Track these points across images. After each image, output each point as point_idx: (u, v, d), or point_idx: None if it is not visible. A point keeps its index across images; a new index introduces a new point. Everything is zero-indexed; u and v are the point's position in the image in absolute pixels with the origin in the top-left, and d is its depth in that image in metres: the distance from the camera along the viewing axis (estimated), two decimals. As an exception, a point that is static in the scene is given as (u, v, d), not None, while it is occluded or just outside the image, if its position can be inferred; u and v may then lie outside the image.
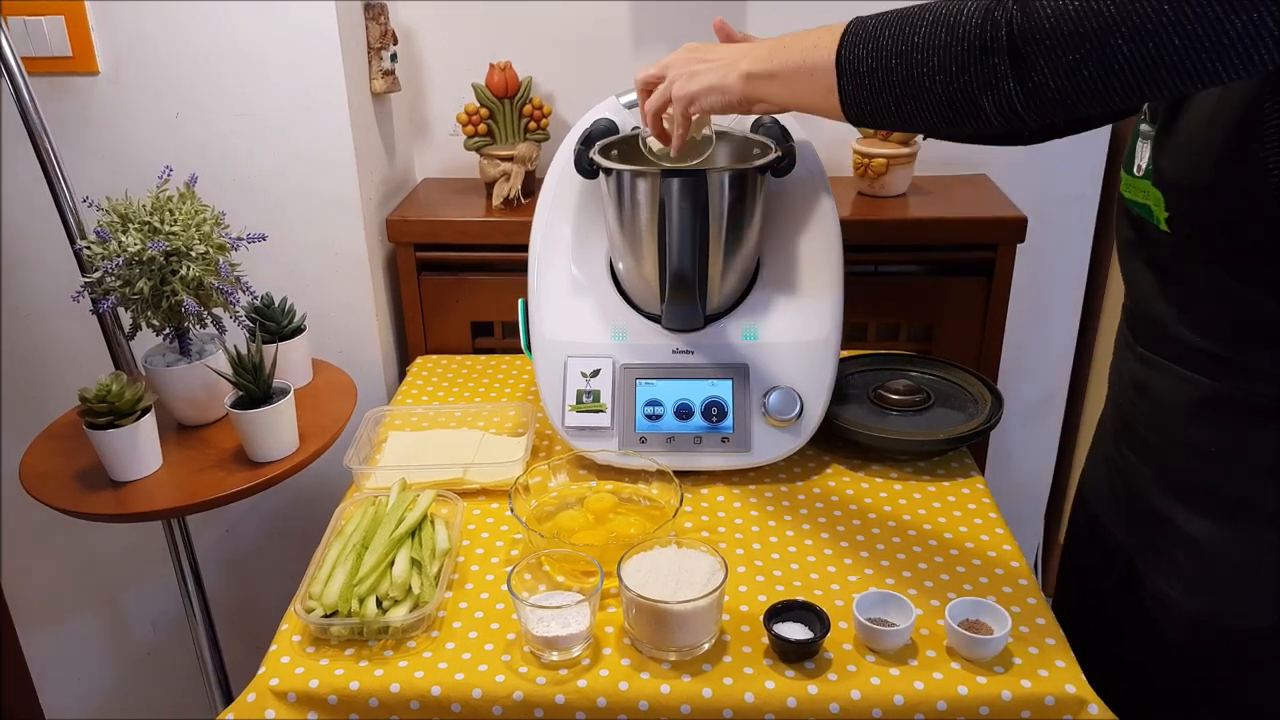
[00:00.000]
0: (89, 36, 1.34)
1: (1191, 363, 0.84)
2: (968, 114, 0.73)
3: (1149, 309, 0.88)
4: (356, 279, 1.46)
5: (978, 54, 0.70)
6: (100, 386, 1.08)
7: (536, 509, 1.05)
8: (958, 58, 0.71)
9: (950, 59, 0.72)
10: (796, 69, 0.84)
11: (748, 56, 0.88)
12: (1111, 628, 0.96)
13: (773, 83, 0.86)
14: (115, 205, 1.14)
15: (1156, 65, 0.64)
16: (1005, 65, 0.69)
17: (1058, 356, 1.71)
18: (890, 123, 0.80)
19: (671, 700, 0.83)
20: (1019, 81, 0.69)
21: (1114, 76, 0.66)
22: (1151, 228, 0.84)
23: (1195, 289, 0.82)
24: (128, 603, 1.75)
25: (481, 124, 1.50)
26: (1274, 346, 0.78)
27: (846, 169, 1.55)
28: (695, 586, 0.87)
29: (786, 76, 0.85)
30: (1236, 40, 0.62)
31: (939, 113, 0.75)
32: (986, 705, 0.82)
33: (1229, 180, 0.74)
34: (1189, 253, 0.81)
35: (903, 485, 1.13)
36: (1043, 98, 0.69)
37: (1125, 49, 0.64)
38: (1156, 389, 0.88)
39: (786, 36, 0.86)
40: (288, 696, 0.86)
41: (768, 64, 0.86)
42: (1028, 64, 0.68)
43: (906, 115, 0.77)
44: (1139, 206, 0.86)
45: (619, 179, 1.09)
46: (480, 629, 0.91)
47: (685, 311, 1.10)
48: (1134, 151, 0.86)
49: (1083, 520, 1.06)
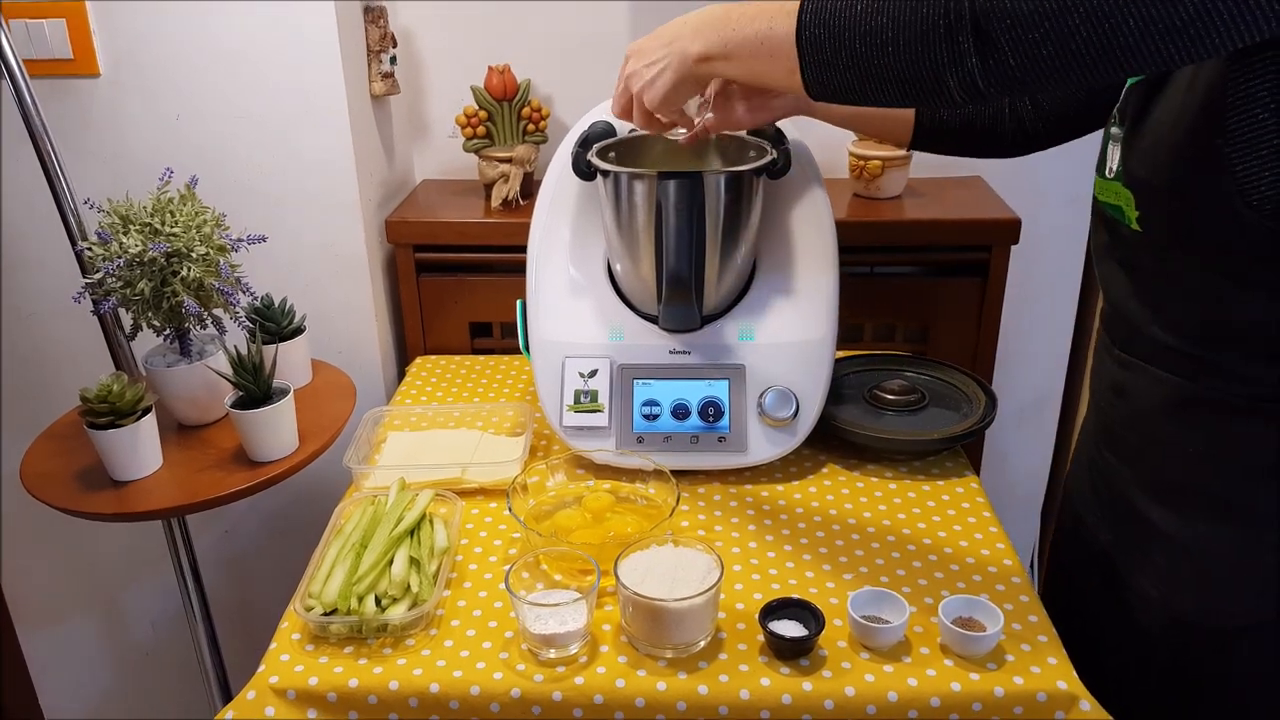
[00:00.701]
0: (90, 39, 1.34)
1: (1165, 363, 0.85)
2: (931, 90, 0.74)
3: (1124, 310, 0.89)
4: (356, 280, 1.47)
5: (941, 32, 0.71)
6: (101, 386, 1.09)
7: (534, 508, 1.06)
8: (923, 36, 0.72)
9: (915, 37, 0.72)
10: (754, 50, 0.83)
11: (698, 37, 0.87)
12: (1095, 627, 0.97)
13: (729, 63, 0.86)
14: (116, 207, 1.15)
15: (1112, 46, 0.66)
16: (969, 43, 0.70)
17: (1051, 357, 1.72)
18: (854, 99, 0.80)
19: (668, 697, 0.84)
20: (980, 58, 0.70)
21: (1072, 57, 0.68)
22: (1123, 228, 0.85)
23: (1167, 288, 0.83)
24: (128, 602, 1.75)
25: (480, 126, 1.51)
26: (1244, 345, 0.79)
27: (842, 171, 1.55)
28: (691, 584, 0.88)
29: (744, 57, 0.84)
30: (1189, 23, 0.64)
31: (903, 90, 0.76)
32: (979, 701, 0.83)
33: (1196, 178, 0.75)
34: (1160, 252, 0.82)
35: (897, 485, 1.13)
36: (1003, 75, 0.70)
37: (1083, 29, 0.66)
38: (1133, 390, 0.89)
39: (732, 9, 0.85)
40: (287, 694, 0.87)
41: (721, 44, 0.85)
42: (989, 42, 0.69)
43: (871, 93, 0.78)
44: (1111, 208, 0.87)
45: (616, 181, 1.10)
46: (478, 627, 0.92)
47: (682, 312, 1.10)
48: (1105, 154, 0.87)
49: (1067, 521, 1.07)
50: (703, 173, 1.05)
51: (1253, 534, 0.83)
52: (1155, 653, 0.91)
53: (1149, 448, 0.89)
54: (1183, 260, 0.80)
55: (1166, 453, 0.87)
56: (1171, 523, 0.87)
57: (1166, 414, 0.86)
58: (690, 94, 0.93)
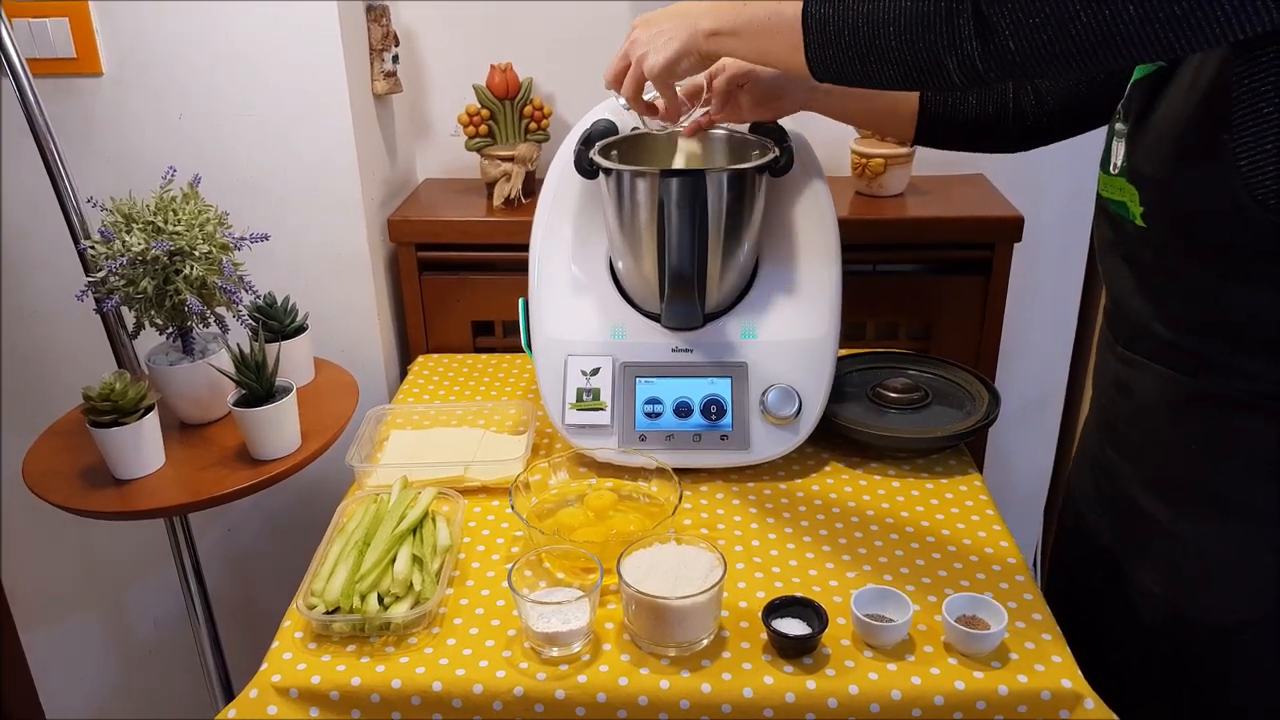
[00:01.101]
0: (93, 38, 1.34)
1: (1169, 359, 0.85)
2: (931, 72, 0.75)
3: (1127, 306, 0.88)
4: (358, 278, 1.47)
5: (943, 15, 0.72)
6: (104, 385, 1.09)
7: (537, 506, 1.06)
8: (924, 17, 0.73)
9: (916, 18, 0.73)
10: (761, 26, 0.85)
11: (709, 14, 0.89)
12: (1098, 625, 0.97)
13: (737, 39, 0.88)
14: (119, 205, 1.15)
15: (1112, 33, 0.67)
16: (969, 27, 0.71)
17: (1055, 355, 1.72)
18: (856, 80, 0.81)
19: (671, 696, 0.84)
20: (980, 41, 0.71)
21: (1072, 42, 0.68)
22: (1128, 224, 0.85)
23: (1170, 284, 0.83)
24: (130, 601, 1.75)
25: (482, 125, 1.51)
26: (1247, 341, 0.79)
27: (844, 168, 1.55)
28: (694, 583, 0.88)
29: (751, 33, 0.86)
30: (1190, 12, 0.64)
31: (903, 71, 0.77)
32: (983, 700, 0.83)
33: (1200, 173, 0.75)
34: (1163, 248, 0.82)
35: (900, 483, 1.13)
36: (1003, 59, 0.71)
37: (1083, 15, 0.67)
38: (1136, 387, 0.89)
39: None
40: (290, 692, 0.86)
41: (731, 21, 0.87)
42: (990, 26, 0.70)
43: (872, 73, 0.79)
44: (1115, 204, 0.87)
45: (618, 179, 1.10)
46: (481, 625, 0.92)
47: (684, 310, 1.10)
48: (1110, 150, 0.87)
49: (1069, 519, 1.07)
50: (705, 171, 1.05)
51: (1253, 530, 0.83)
52: (1157, 649, 0.91)
53: (1151, 444, 0.89)
54: (1186, 255, 0.80)
55: (1169, 449, 0.87)
56: (1173, 519, 0.87)
57: (1169, 410, 0.86)
58: (690, 71, 0.94)
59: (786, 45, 0.83)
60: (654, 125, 1.03)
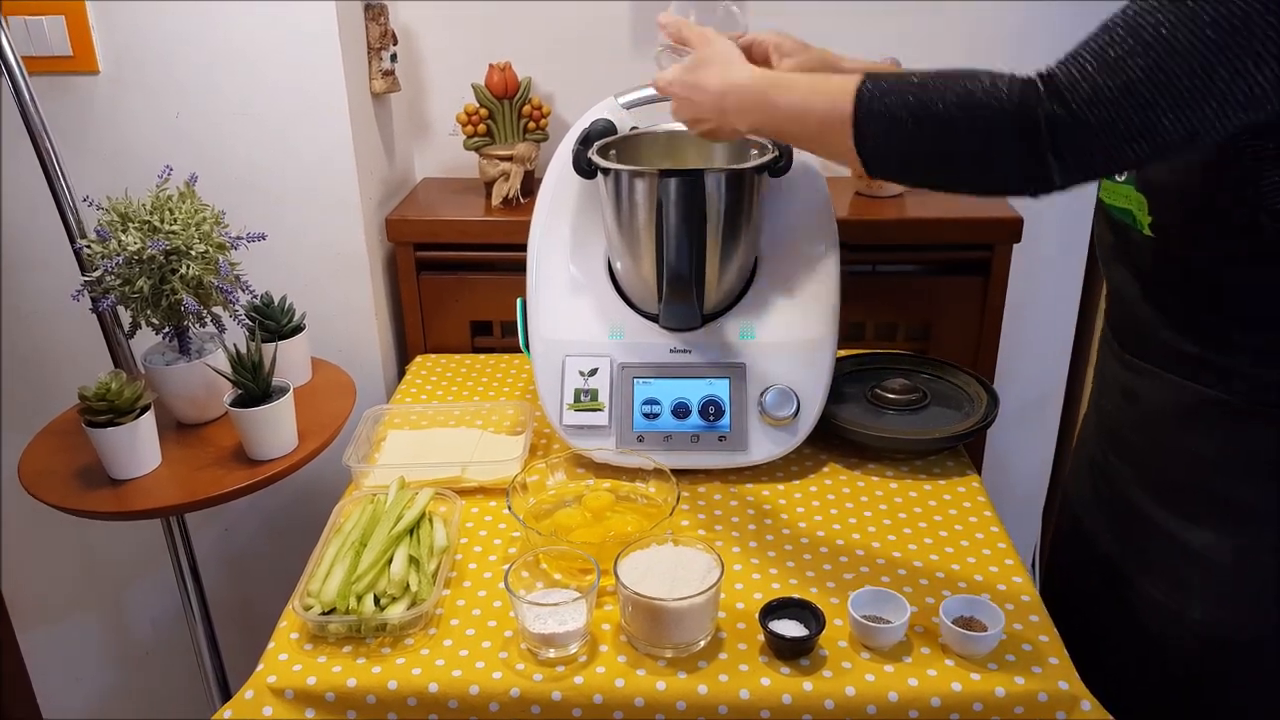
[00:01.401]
0: (89, 36, 1.34)
1: (1176, 366, 0.84)
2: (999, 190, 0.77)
3: (1133, 313, 0.88)
4: (356, 278, 1.47)
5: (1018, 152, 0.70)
6: (100, 385, 1.09)
7: (534, 507, 1.06)
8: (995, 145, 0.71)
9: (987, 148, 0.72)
10: (810, 139, 0.83)
11: (743, 118, 0.85)
12: (1095, 627, 0.97)
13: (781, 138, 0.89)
14: (115, 204, 1.14)
15: (1194, 131, 0.66)
16: (1050, 159, 0.70)
17: (1053, 356, 1.71)
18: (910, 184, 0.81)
19: (667, 697, 0.84)
20: (1059, 160, 0.70)
21: (1161, 148, 0.68)
22: (1134, 232, 0.84)
23: (1178, 292, 0.83)
24: (127, 601, 1.75)
25: (481, 124, 1.51)
26: (1256, 349, 0.79)
27: (843, 169, 1.55)
28: (691, 584, 0.88)
29: (795, 138, 0.85)
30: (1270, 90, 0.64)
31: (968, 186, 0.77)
32: (980, 701, 0.83)
33: (1215, 184, 0.75)
34: (1172, 257, 0.82)
35: (899, 484, 1.13)
36: (1088, 174, 0.71)
37: (1167, 121, 0.66)
38: (1143, 394, 0.89)
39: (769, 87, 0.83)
40: (285, 693, 0.86)
41: (769, 125, 0.84)
42: (1075, 149, 0.69)
43: (933, 184, 0.79)
44: (1120, 211, 0.86)
45: (617, 179, 1.10)
46: (478, 626, 0.92)
47: (682, 311, 1.10)
48: None
49: (1067, 522, 1.06)
50: (704, 171, 1.05)
51: (1254, 533, 0.83)
52: (1155, 653, 0.91)
53: (1157, 451, 0.89)
54: (1196, 265, 0.80)
55: (1173, 455, 0.87)
56: (1173, 524, 0.87)
57: (1176, 416, 0.85)
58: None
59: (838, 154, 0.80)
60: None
